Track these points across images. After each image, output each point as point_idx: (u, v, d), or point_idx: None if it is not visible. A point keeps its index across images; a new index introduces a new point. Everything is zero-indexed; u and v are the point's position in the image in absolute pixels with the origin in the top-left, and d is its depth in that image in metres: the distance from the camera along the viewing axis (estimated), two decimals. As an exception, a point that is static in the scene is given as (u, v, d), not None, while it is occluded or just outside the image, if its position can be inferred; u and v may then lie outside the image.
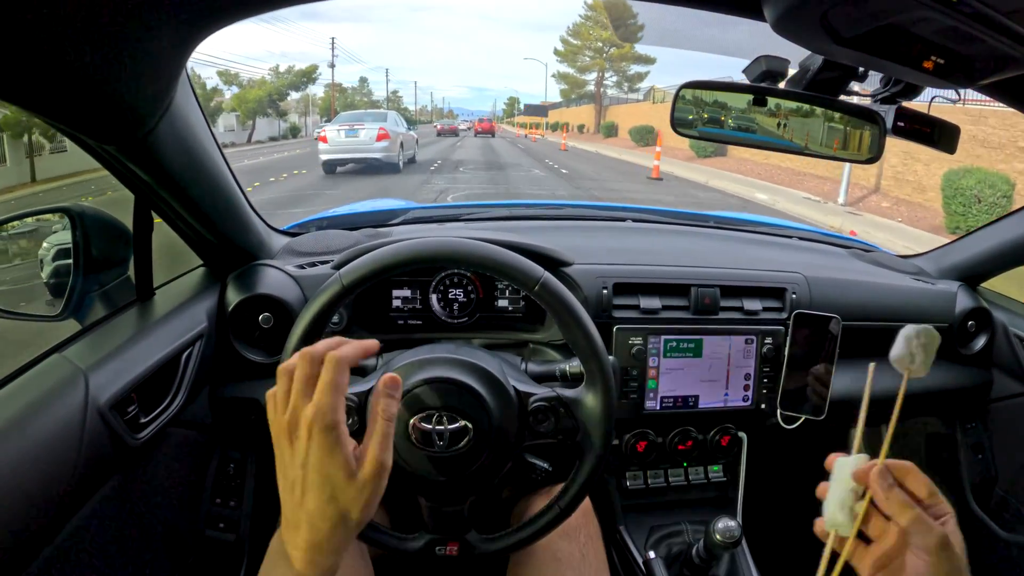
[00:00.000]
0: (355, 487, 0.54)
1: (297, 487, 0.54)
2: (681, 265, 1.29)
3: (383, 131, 13.26)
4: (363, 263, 0.77)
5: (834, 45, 0.59)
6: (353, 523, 0.54)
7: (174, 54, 0.67)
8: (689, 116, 0.90)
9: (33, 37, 0.51)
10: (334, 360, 0.55)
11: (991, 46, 0.58)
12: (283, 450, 0.55)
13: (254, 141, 32.30)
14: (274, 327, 1.11)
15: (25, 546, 0.69)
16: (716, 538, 1.05)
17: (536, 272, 0.78)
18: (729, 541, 1.05)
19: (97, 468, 0.81)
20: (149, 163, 0.82)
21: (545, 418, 0.82)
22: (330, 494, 0.53)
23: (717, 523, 1.06)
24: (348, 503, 0.54)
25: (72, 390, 0.79)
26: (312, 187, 11.30)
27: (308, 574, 0.54)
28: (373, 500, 0.55)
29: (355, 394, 0.82)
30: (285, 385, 0.56)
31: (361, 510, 0.54)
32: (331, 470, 0.53)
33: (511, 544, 0.85)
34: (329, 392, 0.54)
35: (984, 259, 1.47)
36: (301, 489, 0.54)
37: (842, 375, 1.27)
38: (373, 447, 0.55)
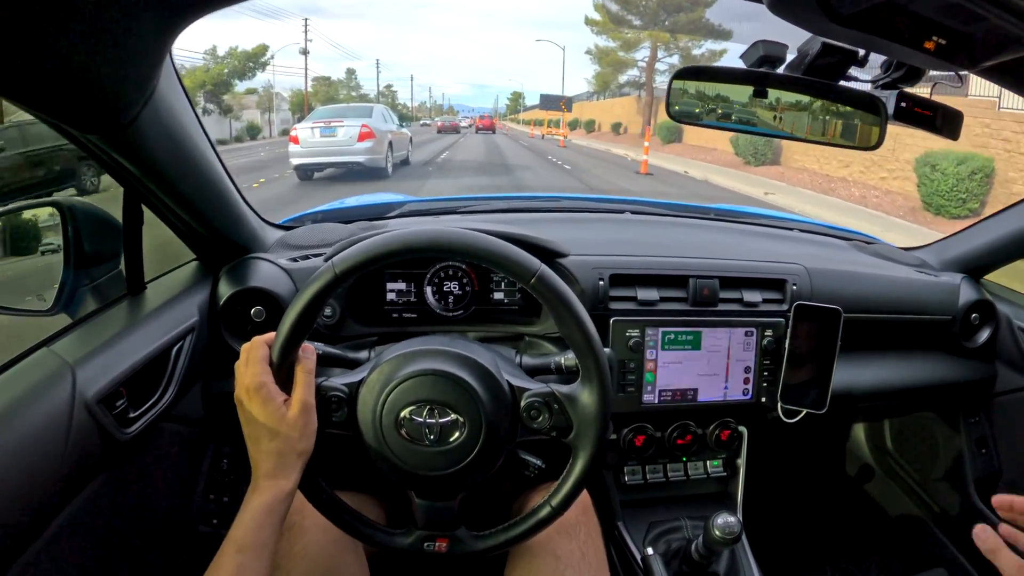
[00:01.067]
0: (287, 423, 0.73)
1: (252, 436, 0.74)
2: (679, 256, 1.28)
3: (366, 129, 11.15)
4: (355, 252, 0.76)
5: (833, 24, 0.57)
6: (298, 450, 0.74)
7: (157, 40, 0.65)
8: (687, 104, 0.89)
9: (10, 23, 0.50)
10: (255, 341, 0.77)
11: (995, 25, 0.57)
12: (241, 410, 0.75)
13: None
14: (266, 320, 1.10)
15: (11, 542, 0.69)
16: (716, 534, 1.04)
17: (533, 264, 0.76)
18: (729, 537, 1.04)
19: (85, 463, 0.80)
20: (134, 153, 0.81)
21: (539, 414, 0.81)
22: (272, 431, 0.73)
23: (716, 519, 1.04)
24: (288, 435, 0.73)
25: (59, 384, 0.78)
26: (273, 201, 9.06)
27: (266, 496, 0.72)
28: (306, 432, 0.75)
29: (345, 385, 0.81)
30: (243, 359, 0.77)
31: (299, 440, 0.74)
32: (268, 416, 0.73)
33: (501, 542, 0.84)
34: (254, 363, 0.75)
35: (987, 251, 1.45)
36: (255, 436, 0.74)
37: (843, 368, 1.25)
38: (297, 391, 0.75)
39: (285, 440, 0.73)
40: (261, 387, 0.73)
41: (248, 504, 0.72)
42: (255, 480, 0.74)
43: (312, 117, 12.69)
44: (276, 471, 0.73)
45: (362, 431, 0.80)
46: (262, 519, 0.71)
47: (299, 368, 0.77)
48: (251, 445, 0.75)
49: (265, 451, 0.73)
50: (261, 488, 0.73)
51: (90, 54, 0.59)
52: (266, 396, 0.73)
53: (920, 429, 1.65)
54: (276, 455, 0.73)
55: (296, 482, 0.75)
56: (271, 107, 37.00)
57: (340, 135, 11.17)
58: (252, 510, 0.71)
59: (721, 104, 0.88)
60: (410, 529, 0.85)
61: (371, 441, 0.79)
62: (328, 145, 11.20)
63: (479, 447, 0.78)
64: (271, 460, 0.73)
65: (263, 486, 0.73)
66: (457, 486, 0.83)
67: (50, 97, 0.63)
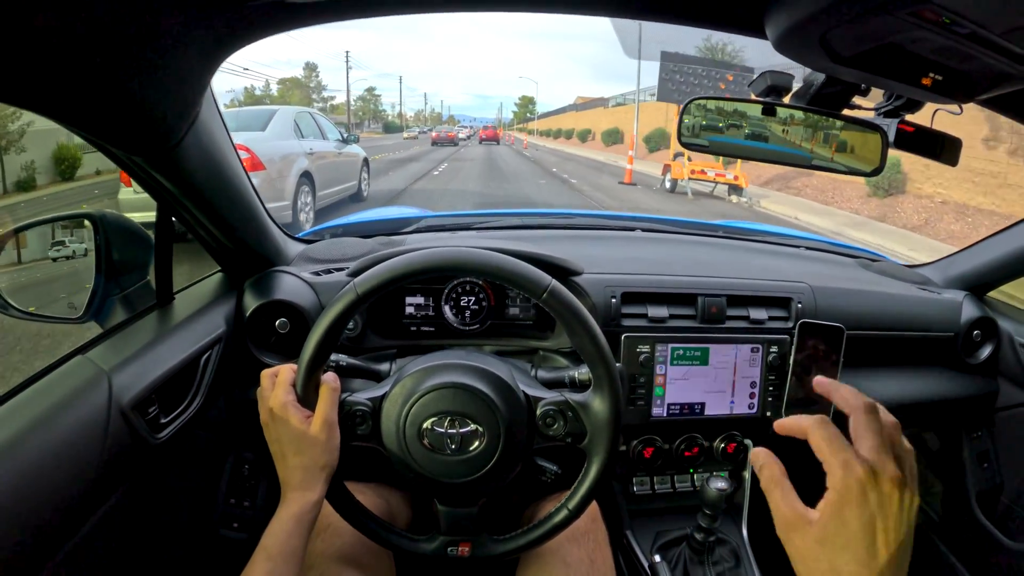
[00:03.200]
0: (311, 439, 0.78)
1: (279, 453, 0.79)
2: (689, 275, 1.31)
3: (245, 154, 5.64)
4: (377, 272, 0.79)
5: (834, 64, 0.61)
6: (321, 463, 0.78)
7: (201, 70, 0.69)
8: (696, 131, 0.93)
9: (67, 52, 0.53)
10: (283, 373, 0.82)
11: (987, 64, 0.60)
12: (268, 431, 0.80)
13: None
14: (290, 332, 1.13)
15: (47, 542, 0.71)
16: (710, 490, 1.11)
17: (544, 280, 0.80)
18: (723, 491, 1.10)
19: (118, 467, 0.83)
20: (175, 173, 0.85)
21: (554, 422, 0.84)
22: (297, 448, 0.77)
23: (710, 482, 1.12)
24: (312, 452, 0.78)
25: (96, 391, 0.81)
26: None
27: (293, 507, 0.76)
28: (329, 447, 0.79)
29: (369, 399, 0.84)
30: (267, 384, 0.82)
31: (322, 454, 0.78)
32: (293, 434, 0.77)
33: (521, 545, 0.87)
34: (280, 389, 0.80)
35: (990, 269, 1.47)
36: (282, 453, 0.79)
37: (847, 384, 1.27)
38: (320, 409, 0.79)
39: (310, 456, 0.78)
40: (285, 407, 0.78)
41: (278, 515, 0.77)
42: (284, 492, 0.78)
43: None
44: (303, 484, 0.78)
45: (386, 442, 0.84)
46: (291, 528, 0.76)
47: (323, 387, 0.81)
48: (278, 462, 0.80)
49: (292, 467, 0.78)
50: (289, 500, 0.77)
51: (140, 83, 0.63)
52: (290, 415, 0.78)
53: (922, 443, 1.67)
54: (302, 470, 0.78)
55: (322, 493, 0.79)
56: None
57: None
58: (281, 520, 0.76)
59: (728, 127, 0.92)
60: (434, 535, 0.88)
61: (395, 451, 0.83)
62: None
63: (498, 455, 0.82)
64: (298, 474, 0.78)
65: (291, 498, 0.77)
66: (478, 492, 0.87)
67: (102, 122, 0.67)
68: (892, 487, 0.49)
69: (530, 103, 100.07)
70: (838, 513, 0.49)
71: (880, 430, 0.52)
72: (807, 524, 0.50)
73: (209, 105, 0.83)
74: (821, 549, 0.49)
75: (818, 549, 0.49)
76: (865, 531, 0.48)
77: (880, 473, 0.49)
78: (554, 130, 55.43)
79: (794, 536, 0.51)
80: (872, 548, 0.48)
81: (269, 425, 0.80)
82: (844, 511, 0.49)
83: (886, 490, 0.49)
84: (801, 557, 0.51)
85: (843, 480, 0.49)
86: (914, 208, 11.26)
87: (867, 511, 0.48)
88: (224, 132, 0.92)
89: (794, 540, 0.51)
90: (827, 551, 0.49)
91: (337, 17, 0.71)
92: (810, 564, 0.50)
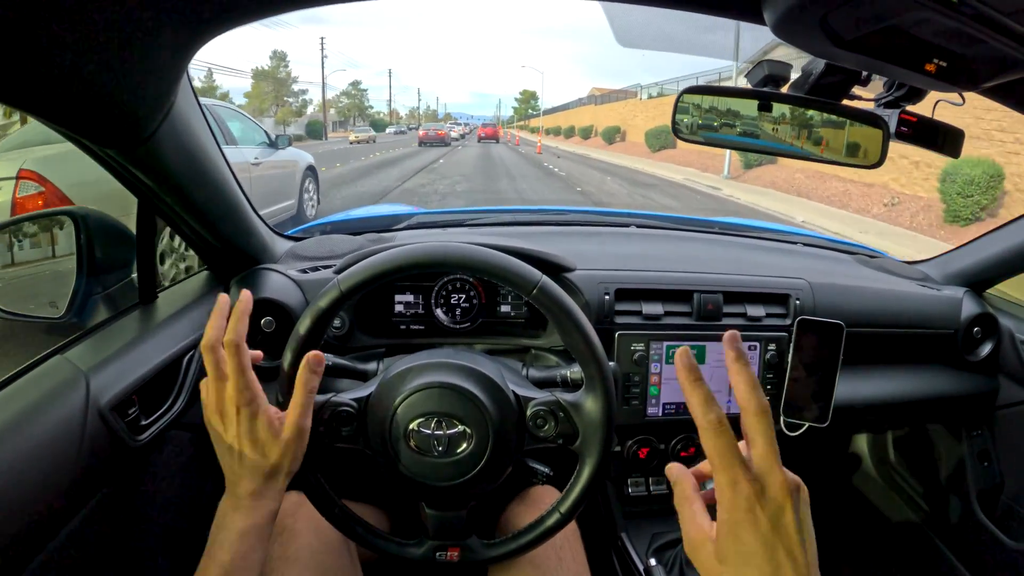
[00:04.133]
0: (279, 445, 0.70)
1: (234, 450, 0.69)
2: (684, 271, 1.29)
3: (27, 174, 3.21)
4: (361, 268, 0.77)
5: (835, 48, 0.58)
6: (283, 472, 0.71)
7: (175, 58, 0.67)
8: (691, 122, 0.90)
9: (33, 41, 0.51)
10: (231, 345, 0.69)
11: (994, 48, 0.58)
12: (215, 424, 0.70)
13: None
14: (275, 331, 1.11)
15: (24, 546, 0.69)
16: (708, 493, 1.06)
17: (533, 276, 0.78)
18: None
19: (97, 469, 0.81)
20: (151, 167, 0.82)
21: (545, 422, 0.82)
22: (261, 452, 0.69)
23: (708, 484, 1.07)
24: (277, 457, 0.70)
25: (73, 391, 0.79)
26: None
27: (254, 517, 0.68)
28: (298, 454, 0.72)
29: (354, 400, 0.82)
30: (210, 361, 0.69)
31: (289, 463, 0.71)
32: (258, 434, 0.69)
33: (512, 550, 0.85)
34: (237, 374, 0.68)
35: (990, 265, 1.46)
36: (238, 451, 0.69)
37: (846, 381, 1.26)
38: (292, 413, 0.71)
39: (276, 463, 0.70)
40: (249, 403, 0.69)
41: (233, 525, 0.68)
42: (236, 498, 0.69)
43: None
44: (263, 492, 0.70)
45: (372, 444, 0.81)
46: (252, 542, 0.68)
47: (300, 386, 0.72)
48: (231, 460, 0.70)
49: (251, 469, 0.69)
50: (246, 509, 0.69)
51: (110, 71, 0.60)
52: (255, 413, 0.69)
53: (922, 441, 1.66)
54: (263, 477, 0.70)
55: (280, 502, 0.72)
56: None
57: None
58: (239, 532, 0.68)
59: (725, 121, 0.89)
60: (422, 539, 0.86)
61: (381, 454, 0.80)
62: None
63: (487, 457, 0.79)
64: (257, 480, 0.69)
65: (248, 506, 0.69)
66: (466, 496, 0.84)
67: (70, 112, 0.65)
68: (783, 495, 0.48)
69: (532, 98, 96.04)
70: (732, 532, 0.48)
71: (770, 433, 0.49)
72: (709, 542, 0.50)
73: (186, 95, 0.80)
74: (723, 567, 0.48)
75: (720, 567, 0.48)
76: (763, 546, 0.47)
77: (768, 486, 0.48)
78: (564, 128, 49.01)
79: (699, 554, 0.51)
80: (774, 560, 0.46)
81: (217, 419, 0.70)
82: (737, 530, 0.48)
83: (778, 500, 0.48)
84: (707, 574, 0.50)
85: (732, 500, 0.48)
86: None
87: (760, 528, 0.47)
88: (204, 124, 0.90)
89: (699, 558, 0.51)
90: (729, 569, 0.48)
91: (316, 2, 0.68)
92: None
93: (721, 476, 0.49)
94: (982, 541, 1.46)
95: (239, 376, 0.68)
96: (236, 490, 0.69)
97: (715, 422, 0.49)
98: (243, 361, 0.69)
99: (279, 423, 0.71)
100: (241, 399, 0.68)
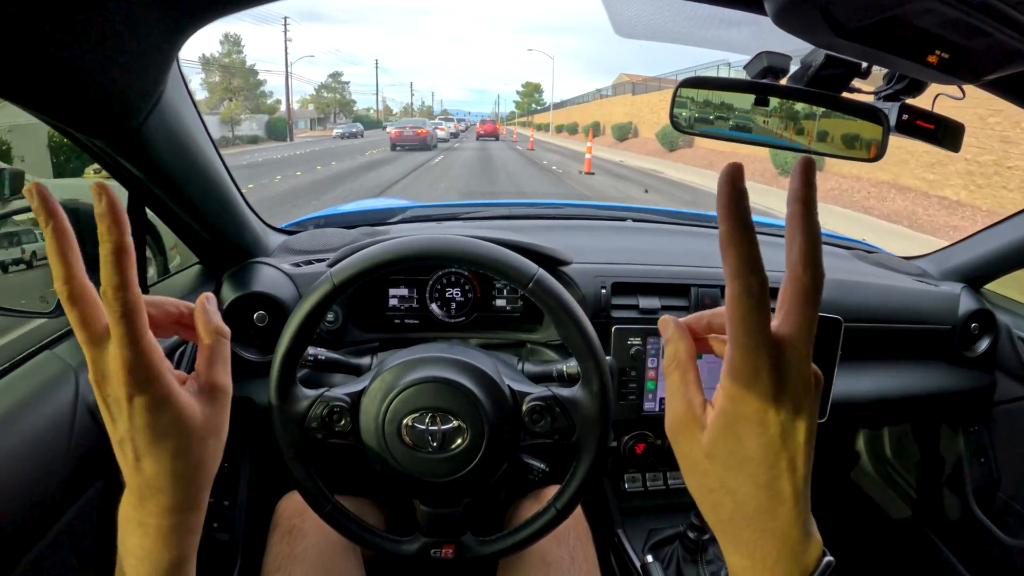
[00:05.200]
0: (199, 421, 0.46)
1: (128, 449, 0.44)
2: (681, 265, 1.28)
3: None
4: (354, 261, 0.76)
5: (836, 38, 0.57)
6: (214, 458, 0.48)
7: (164, 46, 0.65)
8: (689, 114, 0.90)
9: (17, 28, 0.50)
10: (114, 299, 0.40)
11: (997, 40, 0.57)
12: (104, 411, 0.44)
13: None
14: (268, 325, 1.10)
15: (14, 543, 0.69)
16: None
17: (530, 269, 0.77)
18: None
19: (87, 466, 0.80)
20: (139, 157, 0.81)
21: (541, 418, 0.81)
22: (174, 450, 0.44)
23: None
24: (200, 451, 0.46)
25: (62, 387, 0.79)
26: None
27: (192, 539, 0.48)
28: (221, 433, 0.49)
29: (347, 394, 0.81)
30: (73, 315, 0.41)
31: (215, 445, 0.48)
32: (165, 425, 0.44)
33: (507, 547, 0.84)
34: (126, 342, 0.41)
35: (988, 261, 1.45)
36: (133, 453, 0.44)
37: (844, 377, 1.25)
38: (205, 369, 0.48)
39: (198, 456, 0.46)
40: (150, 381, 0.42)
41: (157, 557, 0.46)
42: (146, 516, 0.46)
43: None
44: (188, 500, 0.47)
45: (365, 440, 0.80)
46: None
47: (200, 328, 0.49)
48: (127, 467, 0.45)
49: (157, 476, 0.45)
50: (168, 534, 0.46)
51: (97, 60, 0.59)
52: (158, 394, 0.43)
53: (919, 437, 1.66)
54: (181, 480, 0.45)
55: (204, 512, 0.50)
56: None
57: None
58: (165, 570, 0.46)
59: (724, 113, 0.89)
60: (416, 536, 0.85)
61: (374, 449, 0.80)
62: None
63: (482, 452, 0.79)
64: (174, 483, 0.45)
65: (172, 529, 0.46)
66: (461, 492, 0.83)
67: (57, 102, 0.64)
68: (806, 396, 0.38)
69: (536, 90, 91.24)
70: (733, 430, 0.38)
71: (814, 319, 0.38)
72: (698, 427, 0.40)
73: (176, 85, 0.79)
74: (709, 464, 0.40)
75: (705, 463, 0.40)
76: (765, 453, 0.38)
77: (790, 382, 0.37)
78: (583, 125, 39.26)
79: (681, 437, 0.42)
80: (774, 469, 0.38)
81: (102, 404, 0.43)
82: (740, 429, 0.38)
83: (798, 401, 0.37)
84: (688, 467, 0.42)
85: (744, 392, 0.38)
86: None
87: (768, 432, 0.37)
88: (195, 114, 0.89)
89: (680, 441, 0.42)
90: (716, 468, 0.39)
91: None
92: (699, 478, 0.41)
93: (740, 359, 0.37)
94: (978, 537, 1.46)
95: (127, 346, 0.41)
96: (143, 508, 0.46)
97: (757, 288, 0.36)
98: (138, 325, 0.41)
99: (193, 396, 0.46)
100: (131, 380, 0.42)
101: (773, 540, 0.38)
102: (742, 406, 0.38)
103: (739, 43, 0.95)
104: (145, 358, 0.42)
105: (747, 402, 0.37)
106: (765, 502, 0.38)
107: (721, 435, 0.39)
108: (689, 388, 0.42)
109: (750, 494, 0.38)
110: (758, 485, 0.38)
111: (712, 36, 1.63)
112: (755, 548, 0.39)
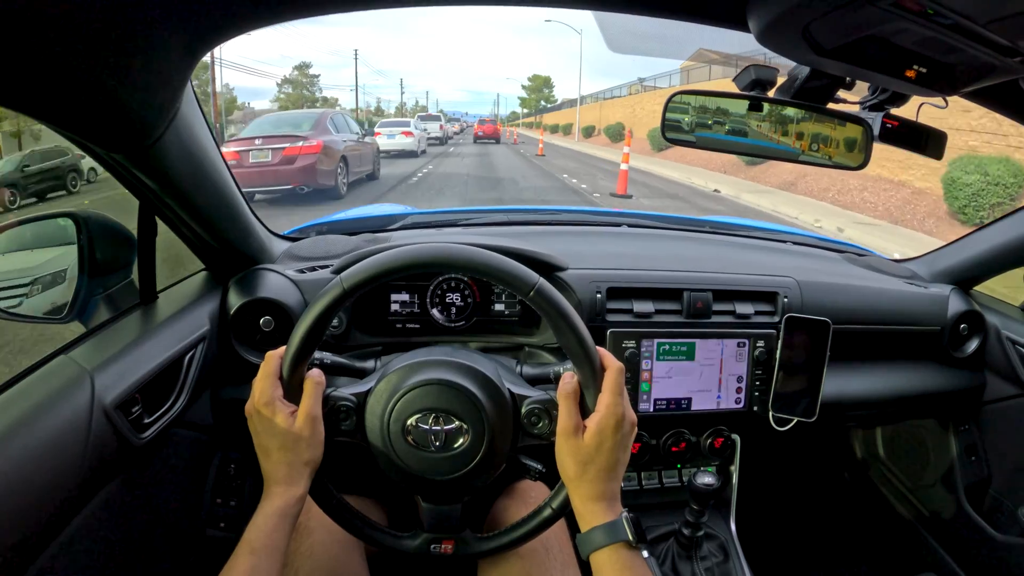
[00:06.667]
0: (295, 434, 0.77)
1: (264, 446, 0.78)
2: (674, 270, 1.31)
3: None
4: (364, 267, 0.78)
5: (818, 56, 0.60)
6: (305, 458, 0.78)
7: (179, 67, 0.68)
8: (680, 123, 0.93)
9: (44, 49, 0.53)
10: (269, 355, 0.79)
11: (971, 55, 0.60)
12: (251, 424, 0.79)
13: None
14: (274, 330, 1.12)
15: (31, 542, 0.71)
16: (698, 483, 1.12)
17: (531, 278, 0.79)
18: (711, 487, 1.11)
19: (102, 467, 0.82)
20: (155, 171, 0.84)
21: (539, 420, 0.84)
22: (281, 443, 0.76)
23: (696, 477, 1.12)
24: (296, 446, 0.77)
25: (78, 390, 0.80)
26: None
27: (285, 499, 0.76)
28: (313, 440, 0.78)
29: (354, 395, 0.83)
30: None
31: (306, 449, 0.78)
32: (276, 428, 0.76)
33: (505, 543, 0.87)
34: (264, 378, 0.78)
35: (977, 263, 1.48)
36: (266, 447, 0.77)
37: (834, 378, 1.28)
38: (304, 403, 0.78)
39: (294, 450, 0.77)
40: (270, 402, 0.76)
41: (262, 509, 0.75)
42: (267, 487, 0.77)
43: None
44: (287, 479, 0.77)
45: (370, 438, 0.83)
46: (275, 523, 0.75)
47: (308, 380, 0.80)
48: (262, 456, 0.78)
49: (276, 461, 0.77)
50: (273, 495, 0.76)
51: (118, 80, 0.62)
52: (274, 409, 0.77)
53: (911, 437, 1.68)
54: (286, 465, 0.77)
55: (306, 488, 0.78)
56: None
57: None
58: (265, 515, 0.75)
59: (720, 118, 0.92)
60: (416, 532, 0.88)
61: (379, 448, 0.82)
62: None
63: (482, 452, 0.81)
64: (281, 469, 0.77)
65: (275, 492, 0.76)
66: (461, 490, 0.86)
67: (79, 120, 0.67)
68: (631, 426, 0.77)
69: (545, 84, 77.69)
70: (599, 437, 0.74)
71: (624, 385, 0.78)
72: (577, 436, 0.75)
73: (189, 101, 0.82)
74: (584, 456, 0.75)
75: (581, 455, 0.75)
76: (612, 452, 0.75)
77: (626, 418, 0.76)
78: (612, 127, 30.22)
79: (567, 441, 0.75)
80: (614, 459, 0.75)
81: (253, 418, 0.78)
82: (602, 437, 0.74)
83: (629, 428, 0.77)
84: (563, 457, 0.76)
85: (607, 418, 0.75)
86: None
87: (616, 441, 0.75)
88: (206, 129, 0.91)
89: (566, 443, 0.75)
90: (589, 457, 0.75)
91: (318, 10, 0.70)
92: (565, 460, 0.76)
93: (610, 399, 0.75)
94: (970, 534, 1.49)
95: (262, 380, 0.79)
96: (269, 482, 0.78)
97: (622, 367, 0.78)
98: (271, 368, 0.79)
99: (293, 416, 0.78)
100: (261, 400, 0.77)
101: (588, 487, 0.76)
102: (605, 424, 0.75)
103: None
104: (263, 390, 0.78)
105: (608, 423, 0.75)
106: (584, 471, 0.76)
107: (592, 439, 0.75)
108: (574, 409, 0.77)
109: (584, 464, 0.75)
110: (600, 468, 0.76)
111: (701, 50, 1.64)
112: (578, 488, 0.77)
